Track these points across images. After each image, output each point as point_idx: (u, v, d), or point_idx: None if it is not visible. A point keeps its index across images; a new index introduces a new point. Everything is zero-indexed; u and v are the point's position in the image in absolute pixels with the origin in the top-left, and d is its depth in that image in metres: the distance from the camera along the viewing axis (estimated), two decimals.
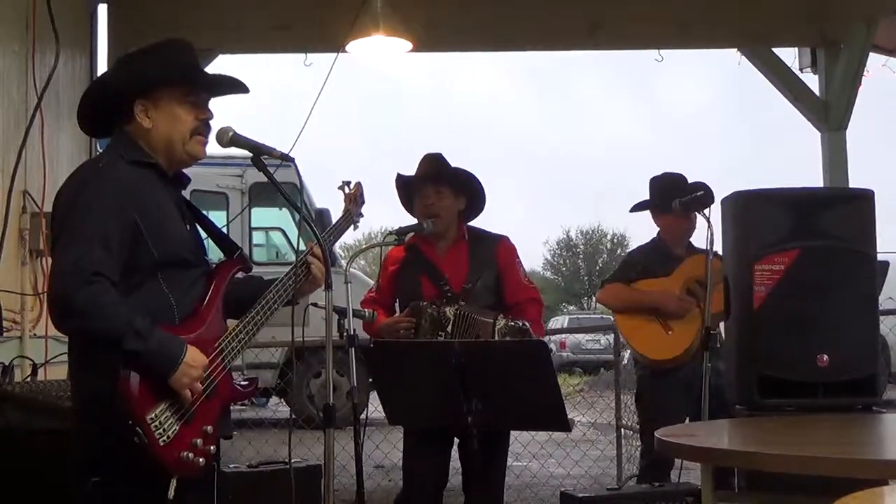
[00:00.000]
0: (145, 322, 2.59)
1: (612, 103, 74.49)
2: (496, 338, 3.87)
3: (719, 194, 4.46)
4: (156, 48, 2.86)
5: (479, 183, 4.23)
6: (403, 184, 4.27)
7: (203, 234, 3.01)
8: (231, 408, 2.94)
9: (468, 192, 4.24)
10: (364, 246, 4.70)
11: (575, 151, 68.28)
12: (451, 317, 3.95)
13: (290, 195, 3.02)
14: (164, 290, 2.72)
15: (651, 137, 65.43)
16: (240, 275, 2.98)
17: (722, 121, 76.15)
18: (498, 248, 4.20)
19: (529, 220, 67.13)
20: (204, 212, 3.08)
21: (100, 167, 2.77)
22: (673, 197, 4.79)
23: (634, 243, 5.41)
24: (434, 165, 4.21)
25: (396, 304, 4.28)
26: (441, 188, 4.19)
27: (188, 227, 2.90)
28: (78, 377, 2.72)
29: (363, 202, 3.73)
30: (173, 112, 2.81)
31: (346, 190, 3.72)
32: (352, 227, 3.63)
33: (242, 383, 2.93)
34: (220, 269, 2.93)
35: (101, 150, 3.08)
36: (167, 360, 2.60)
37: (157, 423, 2.58)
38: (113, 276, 2.59)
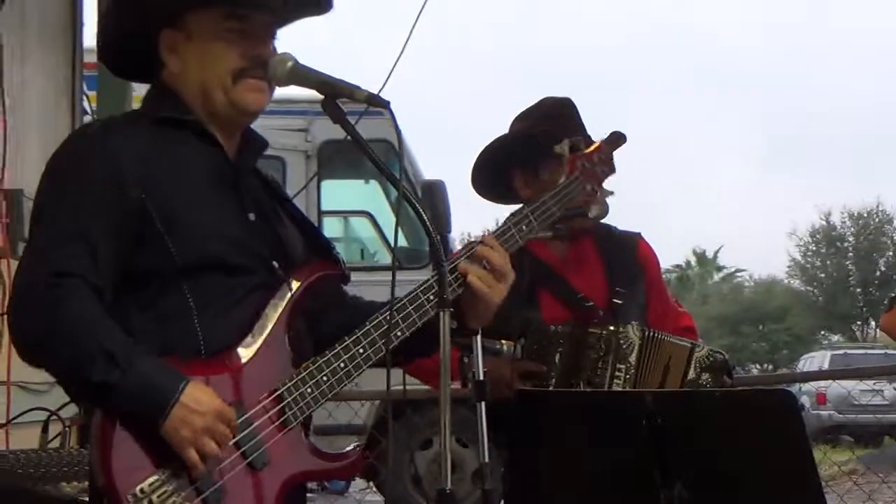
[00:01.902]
0: (128, 344, 2.51)
1: None
2: (692, 373, 3.79)
3: None
4: None
5: None
6: (534, 135, 3.88)
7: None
8: (307, 492, 2.79)
9: None
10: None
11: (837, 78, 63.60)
12: (638, 339, 3.76)
13: (382, 161, 2.82)
14: (188, 305, 2.63)
15: None
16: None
17: None
18: (639, 252, 4.14)
19: (761, 195, 62.92)
20: None
21: (91, 132, 2.76)
22: None
23: None
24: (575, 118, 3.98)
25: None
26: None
27: (252, 216, 2.77)
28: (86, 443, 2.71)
29: (611, 168, 3.25)
30: (207, 47, 2.72)
31: (579, 147, 3.26)
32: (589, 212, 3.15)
33: (340, 452, 2.74)
34: (293, 276, 2.76)
35: (86, 90, 3.04)
36: (153, 399, 2.49)
37: (144, 502, 2.46)
38: (91, 275, 2.53)
